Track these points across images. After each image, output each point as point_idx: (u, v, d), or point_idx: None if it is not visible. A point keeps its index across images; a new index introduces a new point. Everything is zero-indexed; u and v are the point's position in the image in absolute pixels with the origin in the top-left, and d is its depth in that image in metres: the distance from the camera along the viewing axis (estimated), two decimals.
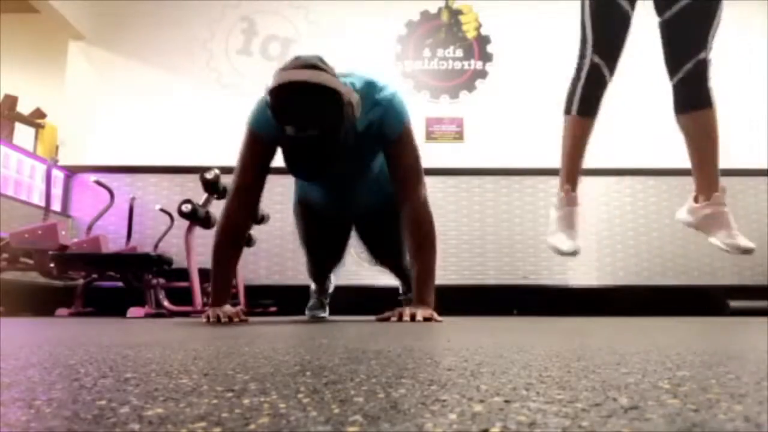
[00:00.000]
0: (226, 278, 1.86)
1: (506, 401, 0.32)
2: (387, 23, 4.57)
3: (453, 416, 0.28)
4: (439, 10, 4.64)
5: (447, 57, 4.57)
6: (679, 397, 0.33)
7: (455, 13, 4.64)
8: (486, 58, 4.56)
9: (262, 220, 3.37)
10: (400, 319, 1.75)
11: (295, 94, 1.53)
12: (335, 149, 1.61)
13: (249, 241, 3.34)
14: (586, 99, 2.03)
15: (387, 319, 1.83)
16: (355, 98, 1.63)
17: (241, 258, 2.03)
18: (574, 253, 1.99)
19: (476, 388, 0.37)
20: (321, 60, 1.61)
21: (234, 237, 1.85)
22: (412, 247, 1.88)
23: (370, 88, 1.78)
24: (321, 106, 1.54)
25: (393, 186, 1.91)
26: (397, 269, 2.47)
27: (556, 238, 2.03)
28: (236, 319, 1.76)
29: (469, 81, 4.53)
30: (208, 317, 1.75)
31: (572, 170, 2.11)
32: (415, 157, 1.87)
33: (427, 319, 1.71)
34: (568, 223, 2.05)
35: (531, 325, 1.55)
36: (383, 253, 2.39)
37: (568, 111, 2.10)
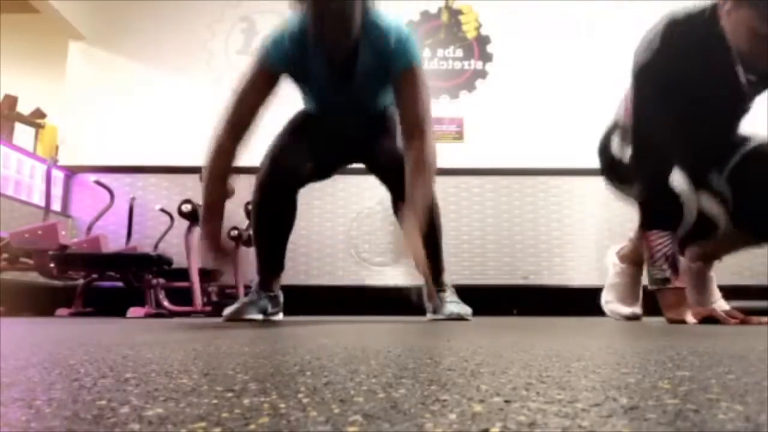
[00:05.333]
0: (218, 187, 1.78)
1: (506, 401, 0.32)
2: None
3: (453, 416, 0.28)
4: (439, 10, 4.64)
5: (447, 57, 4.57)
6: (679, 397, 0.33)
7: (455, 13, 4.64)
8: (486, 58, 4.56)
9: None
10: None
11: None
12: (352, 20, 1.68)
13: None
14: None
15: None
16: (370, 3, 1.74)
17: (241, 258, 2.00)
18: (636, 316, 2.02)
19: (476, 388, 0.37)
20: None
21: (225, 161, 1.77)
22: (413, 181, 1.81)
23: (388, 19, 1.85)
24: None
25: (400, 122, 1.85)
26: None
27: (615, 306, 2.06)
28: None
29: (469, 81, 4.53)
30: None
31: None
32: (427, 94, 1.84)
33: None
34: (628, 292, 2.06)
35: (531, 325, 1.55)
36: (399, 180, 1.91)
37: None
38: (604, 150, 2.01)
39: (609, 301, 2.11)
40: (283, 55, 1.77)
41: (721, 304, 1.92)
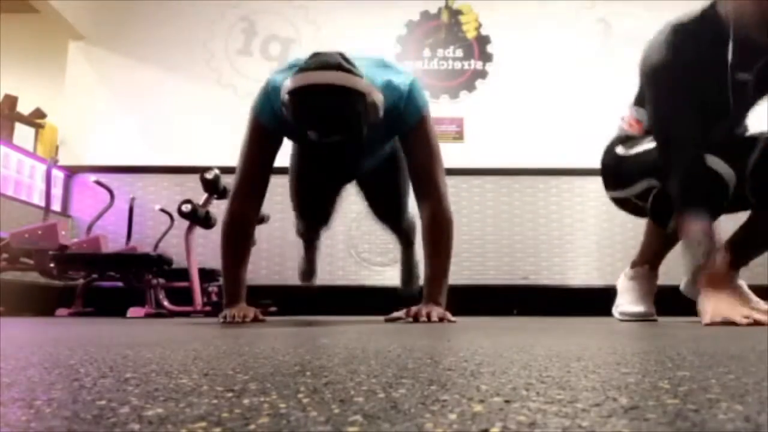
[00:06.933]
0: (238, 276, 1.79)
1: (506, 401, 0.32)
2: (387, 23, 4.57)
3: (453, 416, 0.28)
4: (439, 10, 4.64)
5: (447, 57, 4.57)
6: (679, 397, 0.33)
7: (455, 13, 4.64)
8: (486, 58, 4.56)
9: (262, 220, 3.34)
10: (415, 319, 1.67)
11: (319, 99, 1.43)
12: (357, 150, 1.63)
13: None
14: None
15: (397, 320, 1.76)
16: (379, 98, 1.54)
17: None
18: (650, 315, 1.99)
19: (476, 388, 0.37)
20: (344, 57, 1.50)
21: (243, 232, 1.79)
22: (428, 246, 1.82)
23: (387, 74, 1.70)
24: (346, 111, 1.45)
25: (411, 177, 1.83)
26: (397, 228, 2.43)
27: (626, 307, 2.01)
28: (250, 319, 1.72)
29: (469, 81, 4.53)
30: (224, 317, 1.71)
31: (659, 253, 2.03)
32: (436, 146, 1.79)
33: (441, 320, 1.65)
34: (644, 295, 2.03)
35: (531, 325, 1.55)
36: (383, 210, 2.35)
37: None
38: (609, 152, 2.02)
39: (620, 304, 2.06)
40: (274, 119, 1.68)
41: (762, 305, 1.75)
